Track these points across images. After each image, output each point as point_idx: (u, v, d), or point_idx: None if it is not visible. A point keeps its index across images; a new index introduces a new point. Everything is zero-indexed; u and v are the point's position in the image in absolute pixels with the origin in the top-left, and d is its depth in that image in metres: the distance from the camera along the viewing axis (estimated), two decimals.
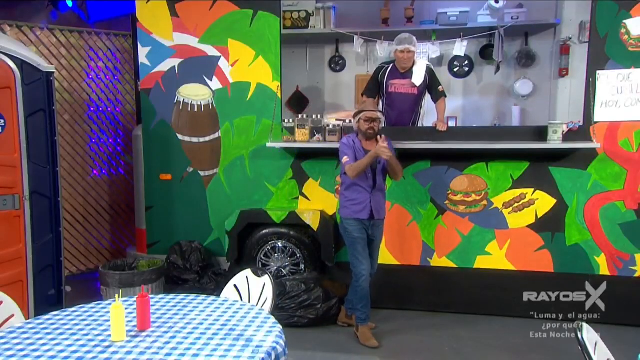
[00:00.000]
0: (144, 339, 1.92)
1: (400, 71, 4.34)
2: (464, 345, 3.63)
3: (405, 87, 4.33)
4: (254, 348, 1.85)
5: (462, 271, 4.14)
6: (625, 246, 3.83)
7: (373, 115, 3.58)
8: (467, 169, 4.07)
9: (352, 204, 3.61)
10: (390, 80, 4.38)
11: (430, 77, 4.33)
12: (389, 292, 4.24)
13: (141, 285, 3.24)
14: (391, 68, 4.38)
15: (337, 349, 3.61)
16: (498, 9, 4.62)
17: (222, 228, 4.42)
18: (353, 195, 3.61)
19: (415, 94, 4.33)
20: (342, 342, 3.71)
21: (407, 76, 4.32)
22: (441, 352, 3.53)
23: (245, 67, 4.33)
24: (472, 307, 4.13)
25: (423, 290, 4.22)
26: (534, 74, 5.06)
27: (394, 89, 4.37)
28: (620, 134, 3.76)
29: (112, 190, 5.46)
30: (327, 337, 3.80)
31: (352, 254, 3.64)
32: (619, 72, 3.69)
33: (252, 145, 4.39)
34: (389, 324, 4.00)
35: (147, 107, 4.55)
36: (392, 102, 4.41)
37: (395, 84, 4.36)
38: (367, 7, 5.15)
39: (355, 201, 3.60)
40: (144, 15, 4.45)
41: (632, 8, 3.63)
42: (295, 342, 3.70)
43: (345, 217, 3.63)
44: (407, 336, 3.80)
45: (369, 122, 3.58)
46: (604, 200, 3.83)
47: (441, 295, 4.18)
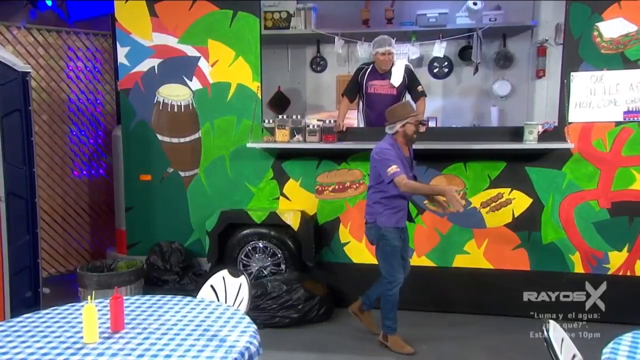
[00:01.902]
0: (116, 340, 1.91)
1: (379, 72, 4.39)
2: (442, 343, 3.68)
3: (385, 88, 4.38)
4: (227, 348, 1.86)
5: (441, 270, 4.19)
6: (599, 244, 3.90)
7: (423, 120, 3.50)
8: (445, 169, 4.12)
9: (393, 212, 3.46)
10: (369, 81, 4.43)
11: (410, 77, 4.38)
12: None
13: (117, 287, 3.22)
14: (371, 69, 4.43)
15: (318, 349, 3.63)
16: (476, 10, 4.68)
17: (203, 228, 4.41)
18: (394, 203, 3.45)
19: (394, 94, 4.37)
20: (323, 342, 3.73)
21: (387, 77, 4.37)
22: (419, 351, 3.56)
23: (225, 67, 4.33)
24: (451, 305, 4.18)
25: (403, 289, 4.23)
26: (512, 75, 5.14)
27: (374, 89, 4.41)
28: (594, 135, 3.83)
29: (92, 190, 5.41)
30: (308, 337, 3.82)
31: (389, 263, 3.48)
32: (592, 74, 3.77)
33: (233, 145, 4.39)
34: None
35: (127, 108, 4.52)
36: (371, 102, 4.45)
37: (375, 85, 4.40)
38: (348, 8, 5.18)
39: (396, 209, 3.46)
40: (122, 15, 4.43)
41: (604, 11, 3.70)
42: (276, 342, 3.72)
43: (387, 226, 3.46)
44: None
45: (419, 126, 3.45)
46: (578, 199, 3.90)
47: (420, 294, 4.21)
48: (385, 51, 4.24)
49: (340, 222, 4.30)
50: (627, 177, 3.81)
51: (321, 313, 4.04)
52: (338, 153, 4.23)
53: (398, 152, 3.41)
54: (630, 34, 3.67)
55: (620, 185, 3.82)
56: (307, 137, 4.18)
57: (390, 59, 4.28)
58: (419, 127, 3.46)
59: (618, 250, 3.88)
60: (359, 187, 4.24)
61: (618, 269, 3.89)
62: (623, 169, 3.81)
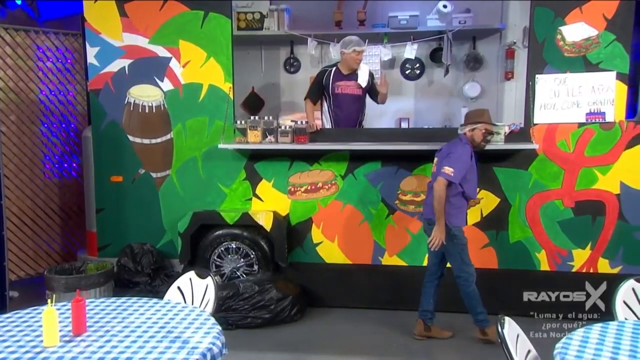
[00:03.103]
0: (77, 343, 1.91)
1: (344, 73, 4.45)
2: (413, 341, 3.73)
3: (351, 88, 4.45)
4: (189, 349, 1.87)
5: (412, 269, 4.24)
6: (563, 242, 4.01)
7: (493, 129, 3.55)
8: (416, 170, 4.18)
9: (461, 212, 3.57)
10: (335, 82, 4.48)
11: (373, 80, 4.51)
12: (341, 291, 4.31)
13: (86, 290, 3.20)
14: (335, 70, 4.49)
15: (290, 348, 3.65)
16: (446, 13, 4.75)
17: (175, 230, 4.38)
18: (461, 202, 3.56)
19: (360, 94, 4.48)
20: (295, 341, 3.75)
21: (352, 78, 4.45)
22: (389, 349, 3.62)
23: (197, 68, 4.32)
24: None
25: (375, 288, 4.31)
26: (482, 77, 5.24)
27: (340, 90, 4.47)
28: (558, 135, 3.93)
29: (63, 192, 5.34)
30: (280, 337, 3.83)
31: (462, 260, 3.56)
32: (555, 76, 3.87)
33: (205, 146, 4.38)
34: (340, 322, 4.07)
35: (97, 108, 4.48)
36: (339, 103, 4.50)
37: (341, 86, 4.46)
38: (321, 10, 5.21)
39: (462, 208, 3.58)
40: (91, 15, 4.38)
41: (566, 15, 3.81)
42: (248, 342, 3.73)
43: (457, 225, 3.54)
44: (358, 334, 3.87)
45: (488, 135, 3.53)
46: (543, 198, 4.00)
47: (392, 293, 4.27)
48: (362, 50, 4.35)
49: (313, 223, 4.33)
50: (590, 177, 3.92)
51: (293, 313, 4.06)
52: (310, 154, 4.26)
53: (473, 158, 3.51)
54: (592, 37, 3.78)
55: (583, 185, 3.93)
56: (279, 138, 4.19)
57: (360, 58, 4.37)
58: (487, 137, 3.52)
59: (582, 248, 3.99)
60: (331, 187, 4.28)
61: (582, 266, 4.00)
62: (586, 169, 3.92)
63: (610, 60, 3.79)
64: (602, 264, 3.96)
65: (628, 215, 3.90)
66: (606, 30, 3.77)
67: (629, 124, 3.84)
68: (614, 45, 3.78)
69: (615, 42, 3.77)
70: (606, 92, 3.81)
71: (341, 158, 4.24)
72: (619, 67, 3.79)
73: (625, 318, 2.30)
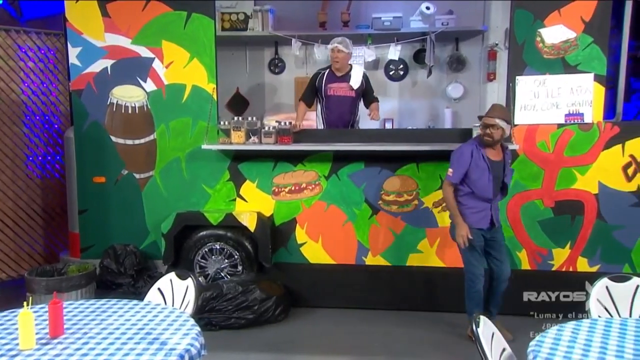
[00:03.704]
0: (54, 346, 1.90)
1: (336, 75, 4.47)
2: (394, 340, 3.76)
3: (344, 90, 4.47)
4: (167, 351, 1.88)
5: (395, 269, 4.28)
6: (543, 242, 4.07)
7: (489, 122, 3.42)
8: (399, 170, 4.21)
9: (472, 213, 3.56)
10: (328, 84, 4.51)
11: (367, 83, 4.52)
12: (325, 291, 4.33)
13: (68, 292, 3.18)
14: (328, 73, 4.52)
15: (273, 349, 3.66)
16: (429, 15, 4.80)
17: (159, 231, 4.37)
18: (471, 203, 3.56)
19: (353, 96, 4.49)
20: (278, 342, 3.76)
21: (345, 79, 4.47)
22: (371, 348, 3.64)
23: (180, 68, 4.31)
24: (405, 303, 4.27)
25: (358, 288, 4.33)
26: (465, 78, 5.29)
27: (333, 92, 4.49)
28: (538, 136, 3.99)
29: (46, 193, 5.29)
30: (263, 337, 3.84)
31: (467, 259, 3.62)
32: (535, 78, 3.92)
33: (189, 147, 4.37)
34: (324, 322, 4.08)
35: (79, 109, 4.45)
36: (331, 104, 4.53)
37: (334, 87, 4.48)
38: (305, 11, 5.23)
39: (474, 209, 3.56)
40: (73, 15, 4.35)
41: (545, 18, 3.86)
42: (231, 343, 3.73)
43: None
44: (341, 334, 3.89)
45: (485, 128, 3.46)
46: (524, 198, 4.05)
47: (375, 292, 4.30)
48: (334, 47, 4.36)
49: (297, 223, 4.34)
50: (569, 177, 3.98)
51: (277, 313, 4.06)
52: (294, 154, 4.27)
53: (476, 154, 3.50)
54: (570, 40, 3.84)
55: (562, 185, 4.00)
56: (263, 138, 4.20)
57: (341, 57, 4.36)
58: (485, 131, 3.48)
59: (561, 247, 4.05)
60: (314, 188, 4.29)
61: (561, 265, 4.06)
62: (565, 169, 3.98)
63: (588, 62, 3.86)
64: (581, 263, 4.03)
65: (606, 215, 3.97)
66: (584, 33, 3.84)
67: (607, 124, 3.91)
68: (591, 48, 3.84)
69: (593, 44, 3.84)
70: (584, 93, 3.87)
71: (325, 159, 4.26)
72: (597, 69, 3.85)
73: (598, 316, 2.34)
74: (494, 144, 3.51)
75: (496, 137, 3.45)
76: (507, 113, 3.57)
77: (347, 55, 4.39)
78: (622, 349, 1.87)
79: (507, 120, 3.47)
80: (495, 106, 3.59)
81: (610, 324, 2.10)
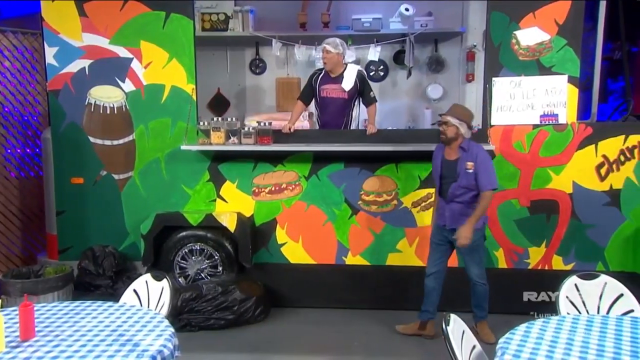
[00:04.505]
0: (24, 349, 1.89)
1: (331, 76, 4.44)
2: (374, 339, 3.79)
3: (336, 92, 4.43)
4: (139, 352, 1.88)
5: (375, 268, 4.31)
6: (520, 241, 4.13)
7: (442, 119, 3.51)
8: (378, 170, 4.24)
9: (436, 210, 3.79)
10: (322, 85, 4.46)
11: (362, 82, 4.44)
12: (306, 291, 4.35)
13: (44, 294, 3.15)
14: (323, 73, 4.48)
15: (252, 349, 3.67)
16: (408, 16, 4.84)
17: (138, 232, 4.35)
18: (438, 201, 3.76)
19: (345, 98, 4.42)
20: (258, 342, 3.77)
21: (338, 81, 4.42)
22: (350, 348, 3.67)
23: (159, 69, 4.29)
24: (384, 303, 4.30)
25: (339, 288, 4.35)
26: (444, 79, 5.35)
27: (326, 93, 4.46)
28: (514, 137, 4.05)
29: (23, 194, 5.22)
30: (243, 338, 3.85)
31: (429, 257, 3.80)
32: (511, 79, 3.99)
33: (168, 147, 4.36)
34: (304, 322, 4.11)
35: (56, 109, 4.40)
36: (324, 106, 4.50)
37: (327, 89, 4.45)
38: (285, 12, 5.23)
39: (438, 208, 3.76)
40: (49, 14, 4.30)
41: (520, 20, 3.93)
42: (210, 344, 3.74)
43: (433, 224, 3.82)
44: (321, 334, 3.92)
45: (439, 126, 3.54)
46: (501, 198, 4.11)
47: (355, 292, 4.33)
48: (322, 48, 4.35)
49: (277, 223, 4.35)
50: (544, 177, 4.05)
51: (257, 314, 4.07)
52: (274, 155, 4.27)
53: (437, 153, 3.68)
54: (545, 42, 3.91)
55: (538, 185, 4.06)
56: (243, 139, 4.19)
57: (328, 58, 4.34)
58: (441, 126, 3.55)
59: (537, 246, 4.12)
60: (295, 188, 4.31)
61: (537, 264, 4.13)
62: (540, 169, 4.05)
63: (562, 64, 3.93)
64: (556, 261, 4.10)
65: (580, 214, 4.04)
66: (558, 35, 3.91)
67: (580, 125, 3.99)
68: (565, 50, 3.92)
69: (567, 46, 3.91)
70: (559, 94, 3.95)
71: (305, 159, 4.27)
72: (570, 70, 3.93)
73: (567, 313, 2.39)
74: (447, 142, 3.55)
75: (449, 135, 3.50)
76: (465, 113, 3.56)
77: (336, 56, 4.33)
78: (587, 344, 1.92)
79: (462, 120, 3.49)
80: (453, 105, 3.67)
81: (577, 320, 2.15)
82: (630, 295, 2.41)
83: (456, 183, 3.54)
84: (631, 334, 2.01)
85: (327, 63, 4.38)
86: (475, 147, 3.56)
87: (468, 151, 3.52)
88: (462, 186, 3.53)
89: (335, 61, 4.37)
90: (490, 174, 3.50)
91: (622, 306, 2.40)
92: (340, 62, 4.41)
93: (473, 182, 3.49)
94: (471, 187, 3.51)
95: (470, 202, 3.54)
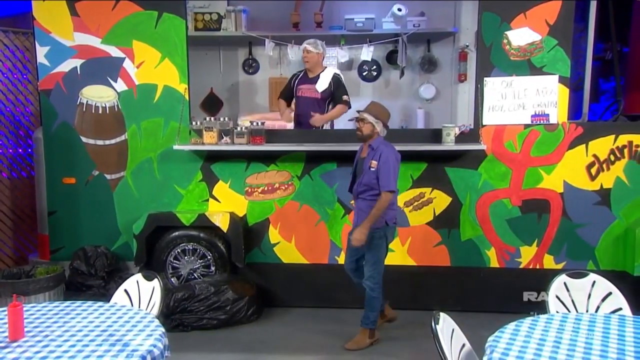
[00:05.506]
0: (13, 349, 1.89)
1: (309, 76, 4.53)
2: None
3: (310, 91, 4.55)
4: (129, 352, 1.88)
5: None
6: (511, 240, 4.15)
7: (359, 115, 3.49)
8: None
9: None
10: (299, 85, 4.60)
11: (336, 85, 4.53)
12: (298, 291, 4.36)
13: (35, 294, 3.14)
14: (302, 74, 4.62)
15: (244, 349, 3.67)
16: (401, 16, 4.85)
17: (131, 232, 4.33)
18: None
19: (317, 97, 4.53)
20: (250, 342, 3.77)
21: (314, 81, 4.54)
22: (342, 347, 3.67)
23: (151, 69, 4.28)
24: None
25: (331, 287, 4.35)
26: (437, 79, 5.37)
27: (301, 93, 4.58)
28: (506, 136, 4.07)
29: (15, 194, 5.19)
30: (235, 337, 3.84)
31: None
32: (502, 79, 4.00)
33: (161, 147, 4.35)
34: (297, 322, 4.11)
35: (48, 109, 4.39)
36: (299, 105, 4.61)
37: (302, 89, 4.56)
38: (278, 11, 5.25)
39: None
40: (41, 14, 4.29)
41: (512, 20, 3.95)
42: (203, 344, 3.73)
43: None
44: (313, 333, 3.92)
45: (356, 122, 3.52)
46: (492, 197, 4.13)
47: (348, 292, 4.30)
48: (304, 48, 4.45)
49: (270, 223, 4.35)
50: (536, 176, 4.07)
51: (250, 314, 4.07)
52: (267, 155, 4.27)
53: (358, 152, 3.67)
54: (536, 42, 3.93)
55: (529, 184, 4.08)
56: (235, 139, 4.19)
57: (309, 57, 4.46)
58: (357, 125, 3.54)
59: (528, 245, 4.14)
60: (287, 188, 4.31)
61: (529, 263, 4.15)
62: (532, 168, 4.07)
63: (553, 64, 3.95)
64: (548, 260, 4.13)
65: (571, 213, 4.07)
66: (549, 36, 3.93)
67: (571, 125, 4.01)
68: (556, 50, 3.94)
69: (557, 47, 3.93)
70: (549, 94, 3.97)
71: (297, 159, 4.28)
72: (561, 70, 3.95)
73: (557, 311, 2.41)
74: (363, 139, 3.55)
75: (365, 132, 3.49)
76: (383, 111, 3.55)
77: (316, 56, 4.45)
78: (575, 342, 1.93)
79: (379, 118, 3.49)
80: (371, 103, 3.67)
81: (565, 319, 2.17)
82: (618, 294, 2.43)
83: (359, 180, 3.56)
84: (618, 332, 2.02)
85: (308, 62, 4.51)
86: (384, 146, 3.50)
87: (375, 150, 3.48)
88: (364, 183, 3.51)
89: (315, 61, 4.50)
90: (388, 176, 3.41)
91: (611, 304, 2.42)
92: (319, 63, 4.54)
93: (374, 180, 3.45)
94: (372, 185, 3.46)
95: (372, 202, 3.48)
